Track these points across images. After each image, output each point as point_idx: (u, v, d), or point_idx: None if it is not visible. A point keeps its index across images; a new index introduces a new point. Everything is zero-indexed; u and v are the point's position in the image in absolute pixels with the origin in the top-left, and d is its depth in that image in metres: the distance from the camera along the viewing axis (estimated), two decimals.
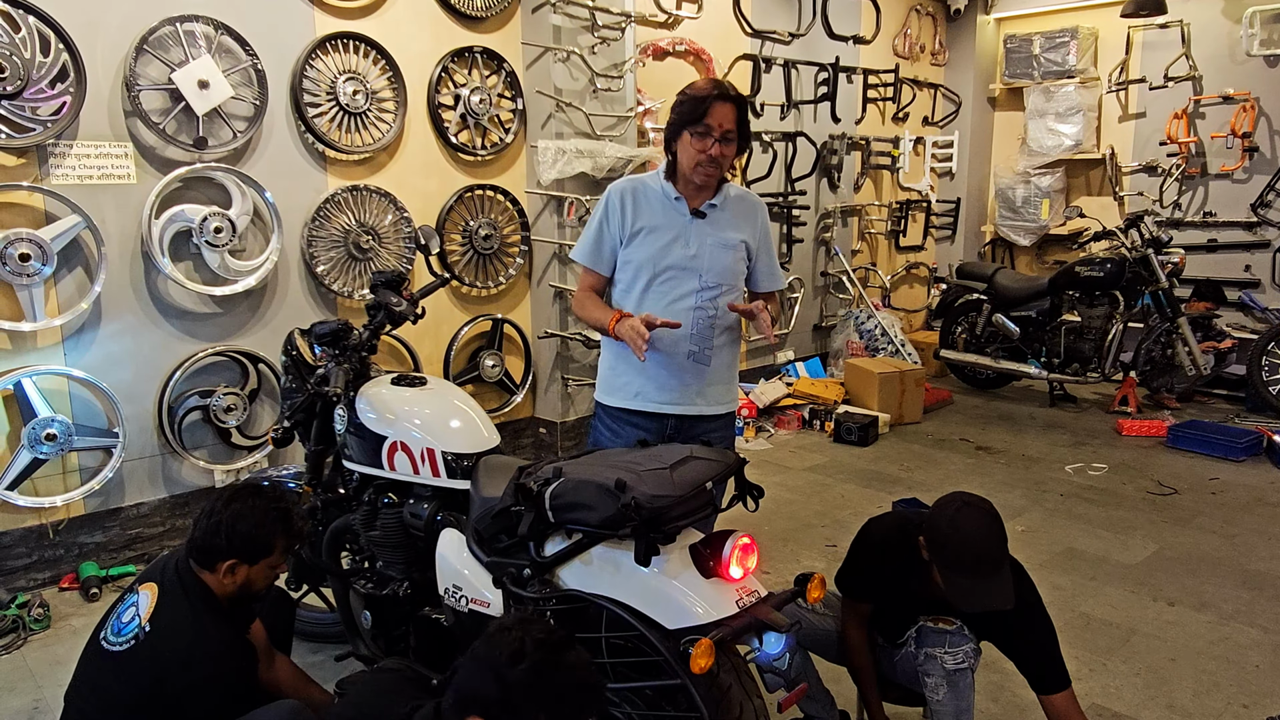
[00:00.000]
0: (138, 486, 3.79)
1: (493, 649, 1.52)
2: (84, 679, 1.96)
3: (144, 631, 1.90)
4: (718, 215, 2.61)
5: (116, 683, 1.83)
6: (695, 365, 2.59)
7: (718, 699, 1.82)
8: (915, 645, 2.24)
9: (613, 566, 1.91)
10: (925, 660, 2.22)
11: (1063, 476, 4.88)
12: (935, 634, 2.22)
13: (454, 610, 2.21)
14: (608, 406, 2.69)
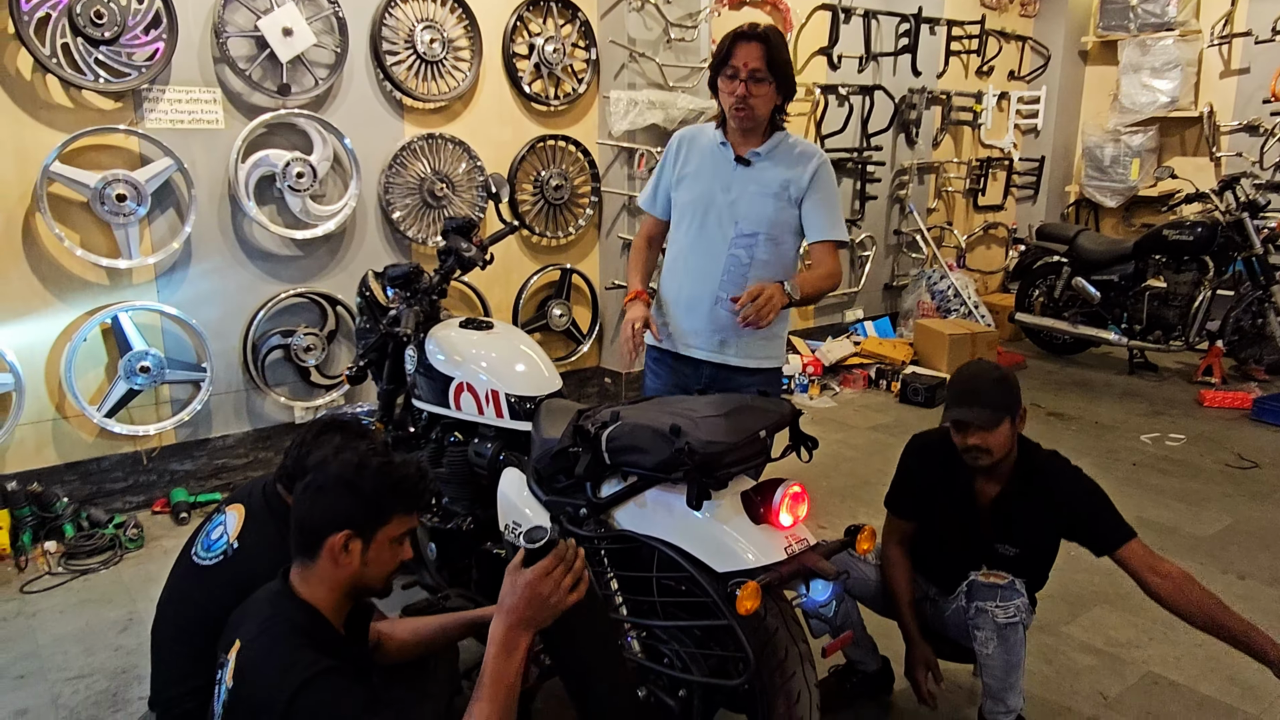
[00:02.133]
0: (224, 419, 3.99)
1: (331, 472, 1.54)
2: (175, 589, 2.11)
3: (231, 549, 2.03)
4: (764, 163, 2.60)
5: (204, 594, 1.96)
6: (723, 314, 2.60)
7: (763, 641, 1.87)
8: (966, 599, 2.25)
9: (665, 509, 1.96)
10: (976, 614, 2.22)
11: (1137, 445, 4.76)
12: (986, 588, 2.22)
13: (514, 546, 2.30)
14: (650, 347, 2.77)
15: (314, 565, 1.55)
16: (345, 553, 1.54)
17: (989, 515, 2.32)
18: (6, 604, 3.12)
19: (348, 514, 1.54)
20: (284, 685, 1.40)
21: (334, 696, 1.43)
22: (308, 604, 1.54)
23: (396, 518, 1.60)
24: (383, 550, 1.59)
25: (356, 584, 1.59)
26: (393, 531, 1.60)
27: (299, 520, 1.56)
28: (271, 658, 1.46)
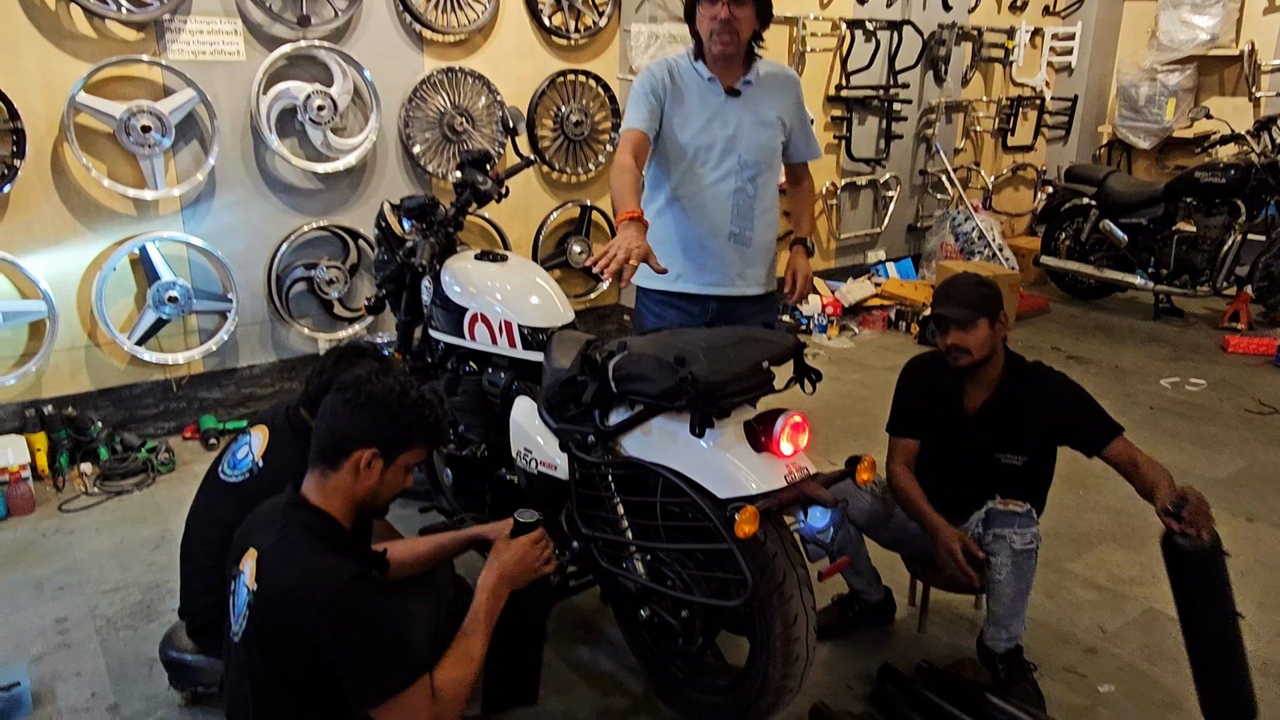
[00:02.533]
0: (250, 349, 4.09)
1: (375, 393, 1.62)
2: (202, 505, 2.21)
3: (257, 467, 2.12)
4: (752, 92, 2.61)
5: (230, 509, 2.05)
6: (736, 246, 2.64)
7: (762, 565, 1.94)
8: (983, 526, 2.28)
9: (670, 437, 2.01)
10: (994, 540, 2.25)
11: (1156, 390, 4.74)
12: (1005, 515, 2.25)
13: (525, 472, 2.37)
14: (649, 290, 2.76)
15: (333, 475, 1.63)
16: (367, 469, 1.63)
17: (979, 422, 2.40)
18: (46, 521, 3.27)
19: (379, 434, 1.63)
20: (318, 589, 1.48)
21: (367, 603, 1.52)
22: (323, 510, 1.63)
23: (416, 448, 1.70)
24: (398, 473, 1.69)
25: (367, 500, 1.68)
26: (410, 459, 1.69)
27: (330, 428, 1.62)
28: (298, 561, 1.54)
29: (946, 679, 2.33)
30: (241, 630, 1.55)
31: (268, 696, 1.53)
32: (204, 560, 2.13)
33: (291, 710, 1.53)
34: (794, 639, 1.96)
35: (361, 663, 1.49)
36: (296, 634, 1.48)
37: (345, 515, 1.66)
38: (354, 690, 1.49)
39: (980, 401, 2.41)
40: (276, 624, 1.49)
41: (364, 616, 1.50)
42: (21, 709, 2.27)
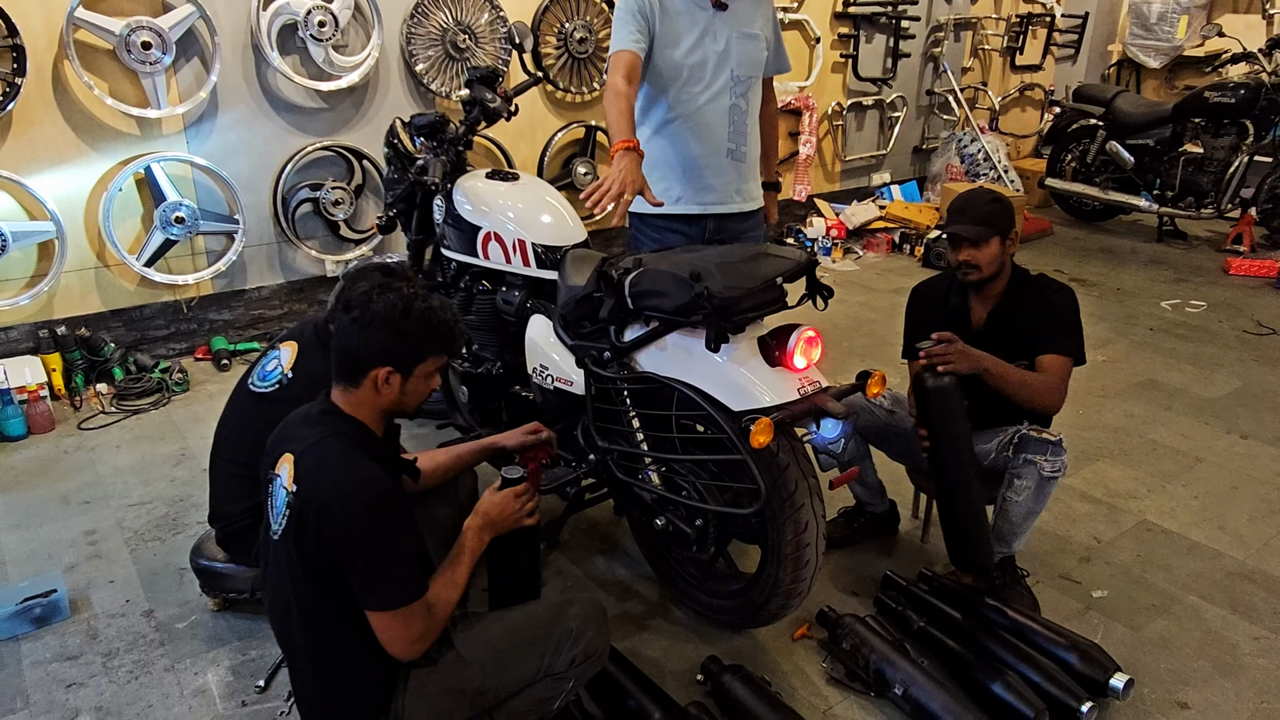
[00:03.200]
0: (258, 271, 4.10)
1: (377, 312, 1.62)
2: (233, 415, 2.26)
3: (286, 378, 2.17)
4: (737, 5, 2.63)
5: (261, 420, 2.09)
6: (734, 163, 2.67)
7: (774, 475, 2.00)
8: (1014, 450, 2.33)
9: (685, 352, 2.05)
10: (1023, 464, 2.31)
11: (1156, 311, 4.78)
12: (1038, 442, 2.30)
13: (541, 388, 2.42)
14: (647, 216, 2.74)
15: (356, 390, 1.68)
16: (386, 384, 1.66)
17: (986, 334, 2.45)
18: (66, 439, 3.33)
19: (390, 352, 1.64)
20: (353, 496, 1.53)
21: (396, 517, 1.58)
22: (354, 418, 1.68)
23: (432, 357, 1.71)
24: (418, 383, 1.72)
25: (393, 408, 1.72)
26: (428, 368, 1.72)
27: (344, 349, 1.65)
28: (335, 465, 1.59)
29: (946, 585, 2.43)
30: (281, 529, 1.62)
31: (306, 593, 1.61)
32: (233, 469, 2.20)
33: (327, 606, 1.61)
34: (804, 545, 2.03)
35: (375, 571, 1.55)
36: (328, 536, 1.54)
37: (375, 423, 1.72)
38: (360, 591, 1.56)
39: (985, 314, 2.46)
40: (313, 524, 1.55)
41: (390, 529, 1.56)
42: (60, 613, 2.36)
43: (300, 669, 1.69)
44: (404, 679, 1.68)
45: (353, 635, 1.62)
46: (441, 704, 1.68)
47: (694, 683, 2.16)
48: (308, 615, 1.62)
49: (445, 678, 1.68)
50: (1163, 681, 2.19)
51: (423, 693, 1.67)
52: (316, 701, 1.68)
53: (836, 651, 2.20)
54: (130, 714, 2.07)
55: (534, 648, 1.70)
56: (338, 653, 1.64)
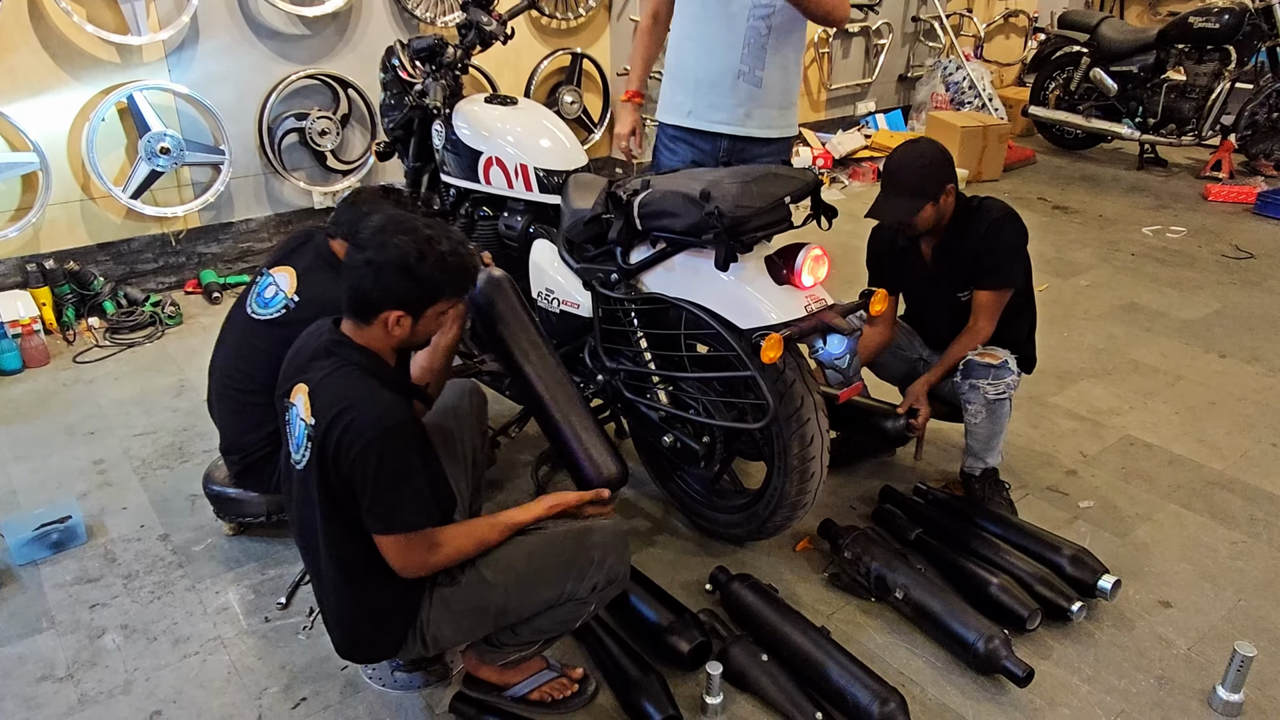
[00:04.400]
0: (245, 203, 4.06)
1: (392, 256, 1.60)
2: (239, 346, 2.25)
3: (292, 302, 2.17)
4: None
5: (271, 346, 2.07)
6: (747, 86, 2.62)
7: (782, 391, 2.06)
8: (961, 376, 2.43)
9: (693, 272, 2.09)
10: (969, 390, 2.41)
11: (1137, 237, 4.86)
12: (981, 367, 2.39)
13: (547, 311, 2.45)
14: (664, 124, 2.79)
15: (366, 329, 1.68)
16: (397, 326, 1.66)
17: (935, 268, 2.51)
18: (63, 373, 3.33)
19: (403, 297, 1.63)
20: (369, 425, 1.55)
21: (409, 448, 1.61)
22: (367, 348, 1.69)
23: (445, 299, 1.70)
24: (429, 323, 1.71)
25: (403, 345, 1.75)
26: (440, 309, 1.71)
27: (356, 289, 1.63)
28: (351, 396, 1.60)
29: (942, 498, 2.52)
30: (304, 460, 1.65)
31: (330, 518, 1.64)
32: (246, 398, 2.21)
33: (350, 530, 1.65)
34: (810, 458, 2.10)
35: (384, 496, 1.59)
36: (344, 463, 1.58)
37: (387, 354, 1.72)
38: (367, 514, 1.60)
39: (931, 251, 2.51)
40: (332, 455, 1.58)
41: (400, 459, 1.59)
42: (77, 538, 2.40)
43: (326, 588, 1.74)
44: (429, 595, 1.74)
45: (376, 556, 1.66)
46: (465, 621, 1.75)
47: (703, 592, 2.24)
48: (332, 538, 1.66)
49: (468, 596, 1.73)
50: (1147, 583, 2.31)
51: (447, 610, 1.73)
52: (345, 618, 1.74)
53: (839, 560, 2.29)
54: (157, 630, 2.13)
55: (556, 574, 1.74)
56: (362, 573, 1.68)
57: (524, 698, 1.93)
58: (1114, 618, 2.19)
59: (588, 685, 1.97)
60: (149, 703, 1.94)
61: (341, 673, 2.00)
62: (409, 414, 1.65)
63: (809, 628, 2.01)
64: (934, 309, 2.60)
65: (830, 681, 1.90)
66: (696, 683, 1.98)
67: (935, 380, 2.51)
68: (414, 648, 1.76)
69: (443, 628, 1.75)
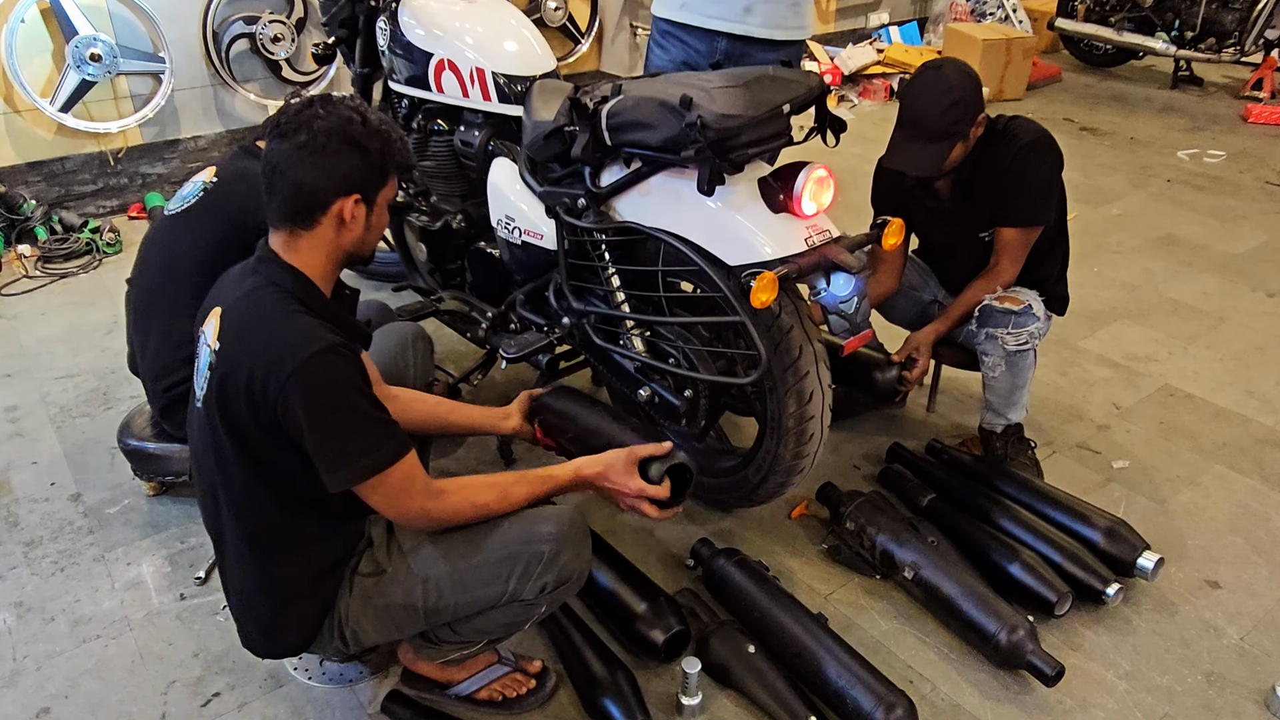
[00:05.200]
0: (192, 118, 3.68)
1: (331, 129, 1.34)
2: (155, 244, 1.97)
3: (210, 184, 1.89)
4: None
5: (190, 239, 1.84)
6: None
7: (777, 339, 1.74)
8: (976, 324, 2.11)
9: (673, 197, 1.75)
10: (985, 340, 2.10)
11: (1173, 162, 4.46)
12: (1000, 314, 2.07)
13: (507, 243, 2.11)
14: (657, 18, 2.45)
15: (308, 234, 1.36)
16: (352, 219, 1.38)
17: (952, 208, 2.17)
18: None
19: (356, 175, 1.36)
20: (286, 355, 1.27)
21: (343, 375, 1.30)
22: (295, 268, 1.39)
23: (391, 180, 1.43)
24: (381, 215, 1.44)
25: (354, 249, 1.43)
26: (389, 194, 1.44)
27: (296, 183, 1.33)
28: (265, 321, 1.32)
29: (957, 458, 2.22)
30: (204, 393, 1.36)
31: (234, 470, 1.36)
32: (169, 312, 1.90)
33: (258, 488, 1.37)
34: (808, 418, 1.80)
35: (333, 439, 1.30)
36: (259, 403, 1.29)
37: (325, 275, 1.41)
38: (328, 469, 1.31)
39: (949, 187, 2.16)
40: (239, 388, 1.30)
41: (338, 390, 1.30)
42: None
43: (229, 559, 1.46)
44: (349, 582, 1.46)
45: (288, 524, 1.39)
46: (388, 616, 1.47)
47: (683, 568, 1.96)
48: (232, 493, 1.38)
49: (390, 591, 1.45)
50: (1191, 559, 2.02)
51: (368, 603, 1.46)
52: (248, 598, 1.45)
53: (839, 531, 2.00)
54: (54, 609, 1.86)
55: (498, 569, 1.43)
56: (269, 542, 1.41)
57: (470, 696, 1.66)
58: (1155, 601, 1.90)
59: (546, 680, 1.70)
60: (37, 698, 1.67)
61: (263, 663, 1.73)
62: (336, 339, 1.32)
63: (804, 615, 1.73)
64: (951, 249, 2.26)
65: (827, 680, 1.63)
66: (672, 677, 1.71)
67: (945, 329, 2.18)
68: (331, 642, 1.48)
69: (363, 623, 1.47)
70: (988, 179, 2.07)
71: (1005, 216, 2.07)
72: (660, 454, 1.55)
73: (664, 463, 1.53)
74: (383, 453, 1.32)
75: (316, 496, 1.35)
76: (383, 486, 1.33)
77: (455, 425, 1.83)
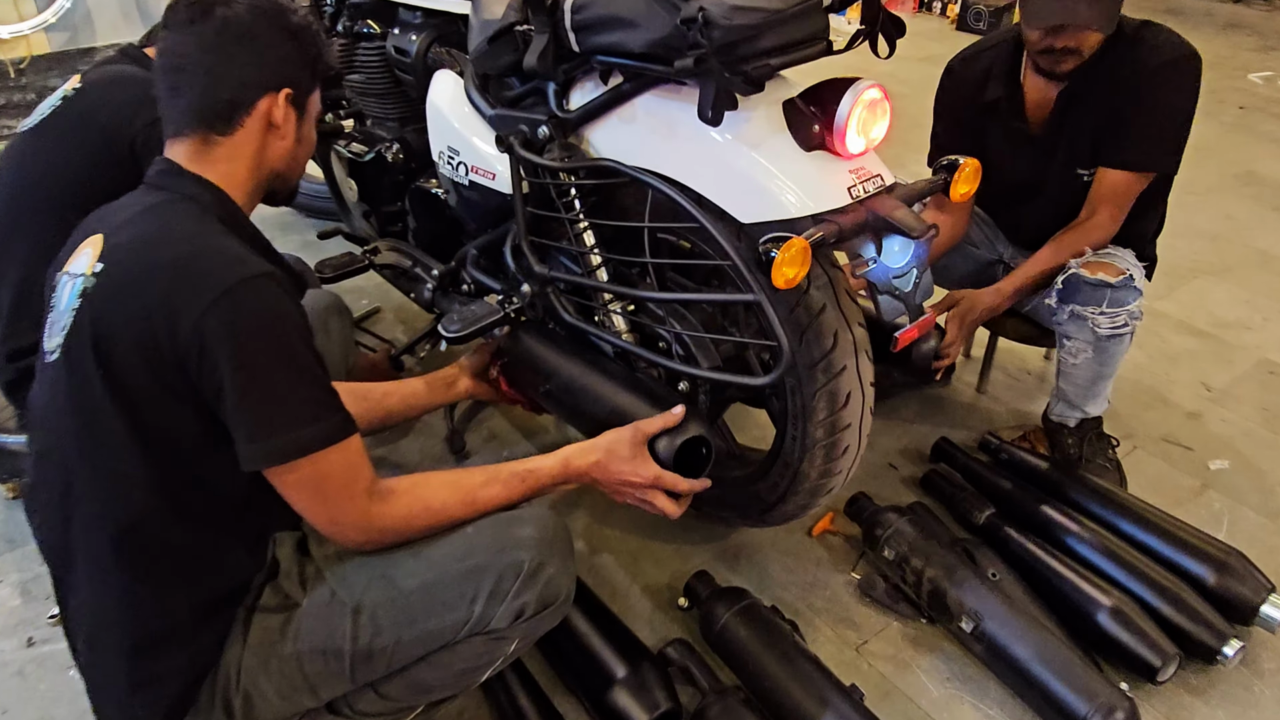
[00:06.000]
0: (109, 23, 3.15)
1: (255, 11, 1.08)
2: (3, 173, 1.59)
3: (73, 90, 1.55)
4: None
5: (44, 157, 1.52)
6: None
7: (803, 323, 1.28)
8: (1058, 299, 1.64)
9: (665, 127, 1.27)
10: (1070, 320, 1.64)
11: (1244, 86, 3.92)
12: (1092, 287, 1.60)
13: (452, 181, 1.63)
14: None
15: (225, 141, 1.07)
16: (285, 121, 1.11)
17: (1047, 129, 1.68)
18: None
19: (288, 67, 1.10)
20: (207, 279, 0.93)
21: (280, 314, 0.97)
22: (213, 183, 1.06)
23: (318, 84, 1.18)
24: (310, 126, 1.18)
25: (280, 169, 1.14)
26: (317, 103, 1.18)
27: (215, 77, 1.05)
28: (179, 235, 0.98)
29: (1020, 459, 1.78)
30: (64, 337, 0.97)
31: (103, 443, 0.96)
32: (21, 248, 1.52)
33: (136, 462, 0.96)
34: (843, 426, 1.34)
35: (263, 395, 0.93)
36: (161, 343, 0.92)
37: (247, 197, 1.10)
38: (249, 435, 0.94)
39: (1050, 104, 1.66)
40: (130, 324, 0.93)
41: (278, 328, 0.95)
42: None
43: (80, 585, 1.04)
44: (243, 625, 1.05)
45: (170, 527, 1.00)
46: (299, 671, 1.05)
47: (674, 607, 1.54)
48: (101, 483, 0.99)
49: (306, 632, 1.05)
50: None
51: (271, 653, 1.04)
52: (104, 644, 1.03)
53: (874, 559, 1.58)
54: None
55: (460, 587, 1.05)
56: (142, 553, 1.00)
57: None
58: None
59: None
60: None
61: None
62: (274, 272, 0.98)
63: (831, 688, 1.31)
64: (1032, 191, 1.77)
65: None
66: None
67: (1008, 298, 1.71)
68: (212, 713, 1.05)
69: (262, 684, 1.05)
70: (1104, 99, 1.58)
71: (1119, 153, 1.59)
72: (672, 425, 1.22)
73: (674, 436, 1.21)
74: (324, 425, 0.97)
75: (218, 487, 1.00)
76: (316, 475, 0.97)
77: (395, 413, 1.45)
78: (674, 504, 1.23)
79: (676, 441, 1.21)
